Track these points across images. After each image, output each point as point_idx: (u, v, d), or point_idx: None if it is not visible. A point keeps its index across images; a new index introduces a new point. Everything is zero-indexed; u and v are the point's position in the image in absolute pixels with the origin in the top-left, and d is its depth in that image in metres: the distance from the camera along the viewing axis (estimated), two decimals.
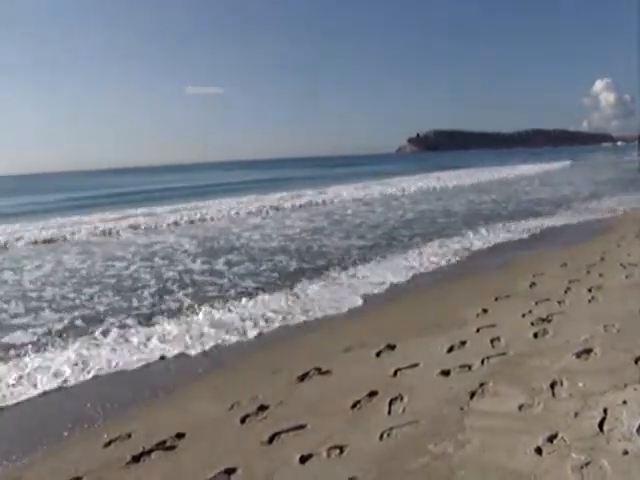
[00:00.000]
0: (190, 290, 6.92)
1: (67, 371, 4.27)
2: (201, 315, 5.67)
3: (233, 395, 3.55)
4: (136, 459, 2.85)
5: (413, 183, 27.08)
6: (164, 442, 3.00)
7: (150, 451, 2.92)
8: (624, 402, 2.80)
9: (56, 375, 4.20)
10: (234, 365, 4.30)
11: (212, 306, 6.01)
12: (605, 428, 2.58)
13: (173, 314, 5.82)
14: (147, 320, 5.64)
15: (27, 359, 4.58)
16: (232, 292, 6.70)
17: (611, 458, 2.32)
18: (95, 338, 5.09)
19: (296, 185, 29.38)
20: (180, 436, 3.07)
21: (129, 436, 3.13)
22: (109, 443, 3.07)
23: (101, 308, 6.25)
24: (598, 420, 2.65)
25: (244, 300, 6.19)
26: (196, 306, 6.06)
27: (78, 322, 5.71)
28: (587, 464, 2.31)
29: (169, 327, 5.30)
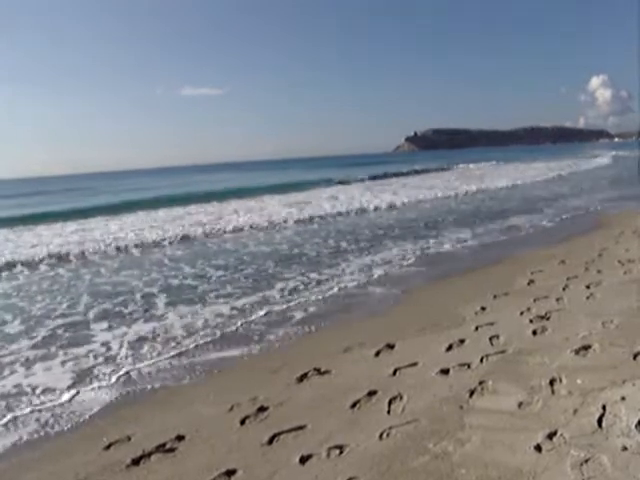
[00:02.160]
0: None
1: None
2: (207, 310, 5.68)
3: (232, 397, 3.55)
4: (136, 462, 2.85)
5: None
6: (164, 444, 3.00)
7: (150, 454, 2.91)
8: (623, 398, 2.80)
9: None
10: (233, 367, 4.30)
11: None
12: (604, 424, 2.58)
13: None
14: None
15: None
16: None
17: (610, 454, 2.33)
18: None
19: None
20: (180, 438, 3.06)
21: (129, 439, 3.13)
22: (109, 446, 3.07)
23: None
24: (597, 416, 2.66)
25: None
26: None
27: None
28: (586, 460, 2.31)
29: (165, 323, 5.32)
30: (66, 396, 3.90)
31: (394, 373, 3.65)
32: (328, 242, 10.33)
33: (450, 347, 4.04)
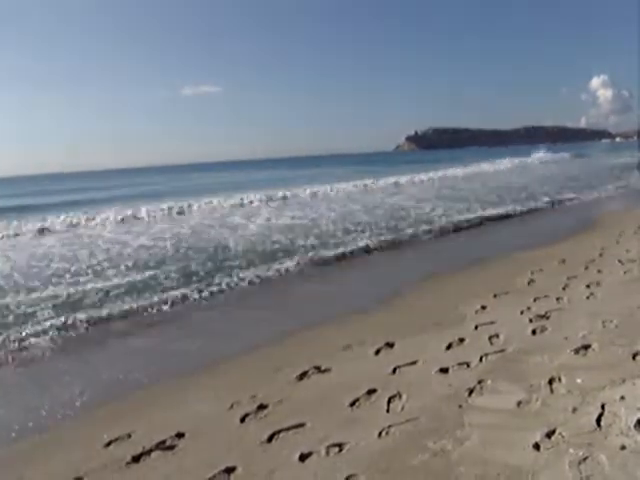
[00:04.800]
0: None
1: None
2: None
3: (233, 394, 3.56)
4: (136, 459, 2.86)
5: None
6: (164, 442, 3.01)
7: (150, 451, 2.92)
8: (622, 397, 2.81)
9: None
10: (233, 364, 4.30)
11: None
12: (603, 423, 2.59)
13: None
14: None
15: None
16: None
17: (609, 453, 2.33)
18: None
19: None
20: (180, 436, 3.07)
21: (129, 436, 3.14)
22: (109, 443, 3.08)
23: None
24: (596, 416, 2.66)
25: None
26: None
27: None
28: (585, 459, 2.32)
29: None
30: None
31: (394, 371, 3.66)
32: None
33: (450, 346, 4.05)
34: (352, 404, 3.21)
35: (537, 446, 2.47)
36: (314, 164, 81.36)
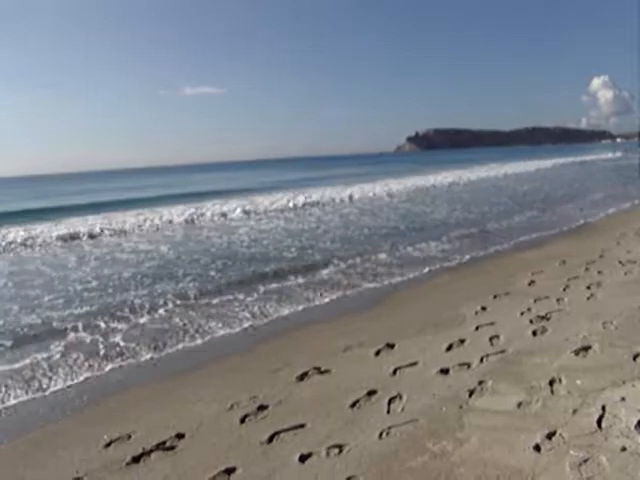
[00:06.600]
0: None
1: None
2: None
3: (233, 395, 3.56)
4: (136, 460, 2.86)
5: None
6: (164, 442, 3.01)
7: (150, 451, 2.92)
8: (622, 399, 2.81)
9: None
10: (233, 365, 4.30)
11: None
12: (603, 425, 2.58)
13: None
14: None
15: None
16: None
17: (609, 455, 2.33)
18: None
19: None
20: (180, 436, 3.07)
21: (129, 437, 3.14)
22: (109, 444, 3.08)
23: None
24: (596, 417, 2.66)
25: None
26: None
27: None
28: (585, 461, 2.32)
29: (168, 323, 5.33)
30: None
31: (394, 373, 3.66)
32: None
33: (450, 347, 4.04)
34: (352, 405, 3.21)
35: (537, 447, 2.47)
36: (325, 165, 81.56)
